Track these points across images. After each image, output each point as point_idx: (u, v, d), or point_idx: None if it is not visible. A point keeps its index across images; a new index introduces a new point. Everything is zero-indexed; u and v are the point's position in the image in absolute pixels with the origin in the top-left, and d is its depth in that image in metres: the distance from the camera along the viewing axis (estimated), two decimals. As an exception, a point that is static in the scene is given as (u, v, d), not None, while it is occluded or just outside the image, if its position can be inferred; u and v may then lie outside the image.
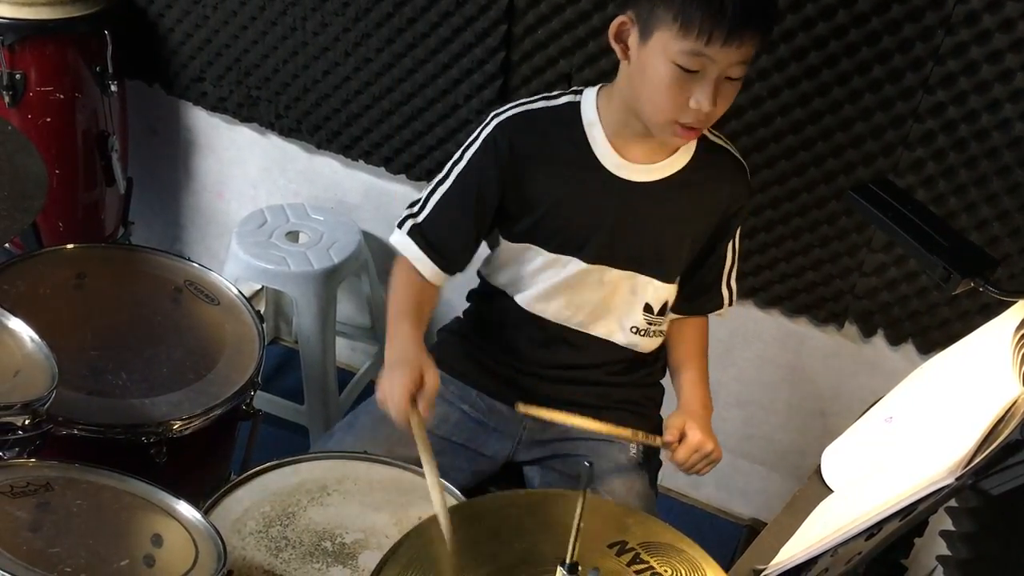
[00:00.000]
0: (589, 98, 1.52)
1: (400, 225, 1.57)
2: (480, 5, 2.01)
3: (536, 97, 1.55)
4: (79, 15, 2.17)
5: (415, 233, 1.55)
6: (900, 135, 1.83)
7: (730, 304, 1.66)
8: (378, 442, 1.56)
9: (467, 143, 1.55)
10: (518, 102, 1.55)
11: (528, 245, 1.57)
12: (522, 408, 1.49)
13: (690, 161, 1.53)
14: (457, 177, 1.54)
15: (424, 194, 1.57)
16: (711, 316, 1.69)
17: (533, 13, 1.99)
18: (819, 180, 1.94)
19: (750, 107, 1.91)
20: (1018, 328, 1.03)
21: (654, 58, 1.37)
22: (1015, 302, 1.10)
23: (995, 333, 1.08)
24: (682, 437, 1.51)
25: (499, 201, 1.54)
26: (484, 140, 1.53)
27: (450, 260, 1.56)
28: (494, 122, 1.53)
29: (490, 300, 1.67)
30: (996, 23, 1.68)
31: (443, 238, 1.55)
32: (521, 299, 1.61)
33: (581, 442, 1.64)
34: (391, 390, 1.40)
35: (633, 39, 1.40)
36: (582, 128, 1.51)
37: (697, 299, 1.65)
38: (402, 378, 1.39)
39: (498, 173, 1.52)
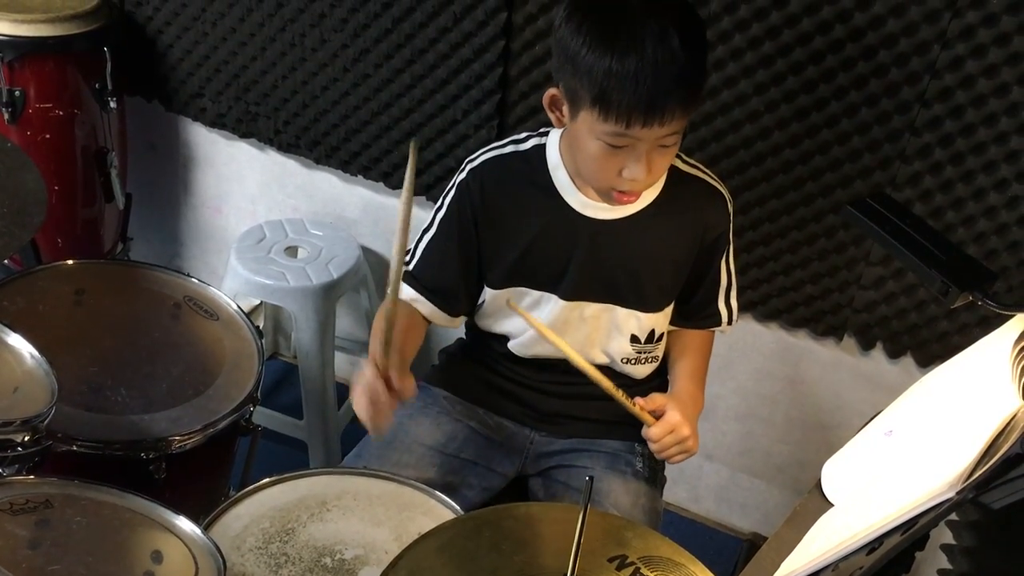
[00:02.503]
0: (553, 140, 1.54)
1: None
2: (478, 21, 2.02)
3: (506, 141, 1.58)
4: (78, 32, 2.18)
5: (409, 279, 1.59)
6: (897, 149, 1.84)
7: (730, 322, 1.67)
8: (399, 464, 1.57)
9: (446, 191, 1.59)
10: (489, 147, 1.58)
11: (515, 289, 1.58)
12: (512, 304, 1.52)
13: (659, 195, 1.54)
14: (440, 224, 1.58)
15: (411, 244, 1.60)
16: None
17: (531, 29, 2.00)
18: (816, 194, 1.94)
19: (747, 121, 1.91)
20: (1017, 341, 1.03)
21: (583, 134, 1.40)
22: (1013, 315, 1.10)
23: (994, 346, 1.08)
24: (661, 416, 1.52)
25: (478, 243, 1.57)
26: (458, 186, 1.57)
27: (448, 301, 1.60)
28: (467, 168, 1.57)
29: (486, 339, 1.68)
30: (992, 37, 1.69)
31: (436, 281, 1.59)
32: (514, 347, 1.64)
33: (586, 454, 1.64)
34: (360, 389, 1.41)
35: (565, 111, 1.43)
36: (547, 170, 1.53)
37: (693, 317, 1.66)
38: (364, 377, 1.41)
39: (472, 217, 1.55)
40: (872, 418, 1.22)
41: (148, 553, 1.27)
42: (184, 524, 1.31)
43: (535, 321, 1.47)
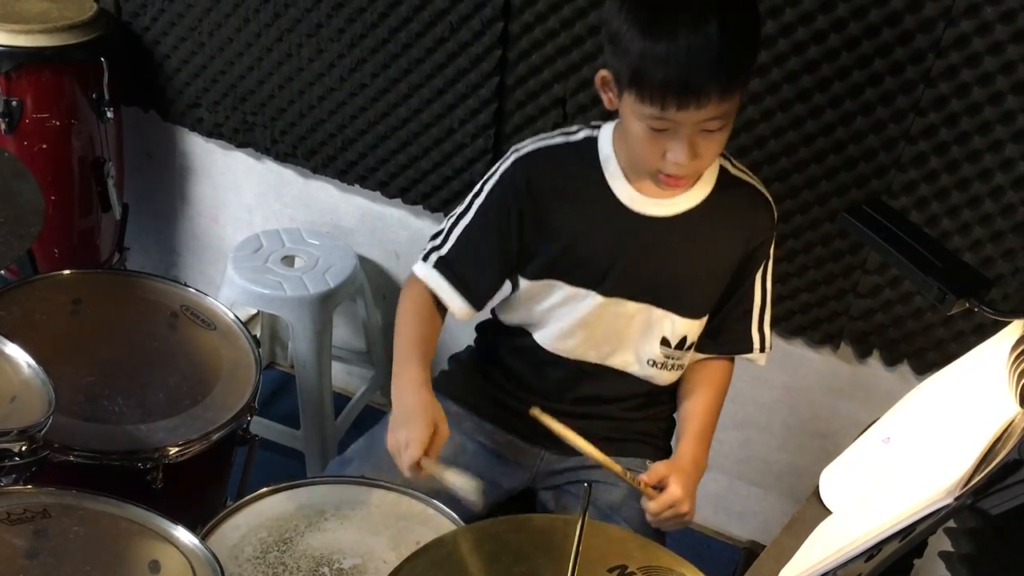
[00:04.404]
0: (606, 133, 1.51)
1: (425, 258, 1.56)
2: (475, 31, 2.02)
3: (555, 132, 1.54)
4: (76, 42, 2.18)
5: (442, 265, 1.54)
6: (893, 157, 1.84)
7: (762, 350, 1.62)
8: (396, 472, 1.52)
9: (486, 176, 1.54)
10: (537, 137, 1.54)
11: (550, 281, 1.55)
12: (535, 412, 1.47)
13: (709, 195, 1.51)
14: (478, 211, 1.53)
15: (445, 226, 1.56)
16: (745, 362, 1.65)
17: (527, 38, 2.01)
18: (813, 202, 1.95)
19: (743, 129, 1.92)
20: (1014, 347, 1.04)
21: (628, 116, 1.39)
22: (1010, 322, 1.10)
23: (991, 353, 1.08)
24: (663, 488, 1.47)
25: (519, 235, 1.53)
26: (502, 175, 1.52)
27: (476, 295, 1.55)
28: (512, 157, 1.52)
29: (504, 336, 1.65)
30: (986, 46, 1.69)
31: (469, 272, 1.54)
32: (540, 337, 1.59)
33: (597, 470, 1.62)
34: (406, 443, 1.39)
35: (614, 91, 1.41)
36: (599, 163, 1.50)
37: (720, 336, 1.61)
38: (416, 433, 1.39)
39: (517, 208, 1.51)
40: (869, 425, 1.23)
41: (146, 563, 1.26)
42: (182, 534, 1.31)
43: (557, 424, 1.45)
